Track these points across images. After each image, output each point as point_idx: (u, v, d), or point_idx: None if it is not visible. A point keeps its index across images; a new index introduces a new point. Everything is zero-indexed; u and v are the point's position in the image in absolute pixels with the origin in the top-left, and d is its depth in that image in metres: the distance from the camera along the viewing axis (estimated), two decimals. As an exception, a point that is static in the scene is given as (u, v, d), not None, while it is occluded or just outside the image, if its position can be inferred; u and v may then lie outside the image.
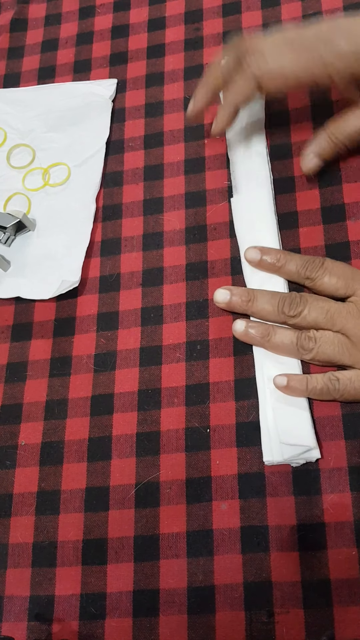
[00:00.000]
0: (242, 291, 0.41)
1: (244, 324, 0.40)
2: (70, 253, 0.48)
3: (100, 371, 0.44)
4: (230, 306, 0.41)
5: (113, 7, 0.59)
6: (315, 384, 0.38)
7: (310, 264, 0.40)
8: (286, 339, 0.39)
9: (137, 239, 0.48)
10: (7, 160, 0.54)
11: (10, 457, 0.43)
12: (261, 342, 0.40)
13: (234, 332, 0.41)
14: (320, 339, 0.38)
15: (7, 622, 0.39)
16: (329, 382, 0.37)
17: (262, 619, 0.36)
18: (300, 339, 0.39)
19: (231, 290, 0.41)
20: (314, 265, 0.40)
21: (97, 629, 0.37)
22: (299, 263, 0.41)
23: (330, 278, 0.39)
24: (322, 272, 0.39)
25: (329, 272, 0.39)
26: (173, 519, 0.39)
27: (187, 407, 0.41)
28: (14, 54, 0.60)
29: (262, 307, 0.40)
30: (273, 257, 0.41)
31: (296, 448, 0.37)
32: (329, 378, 0.38)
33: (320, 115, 0.48)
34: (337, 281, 0.39)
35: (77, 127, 0.54)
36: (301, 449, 0.37)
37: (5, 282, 0.48)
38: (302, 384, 0.38)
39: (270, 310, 0.40)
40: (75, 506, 0.40)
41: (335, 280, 0.39)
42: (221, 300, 0.42)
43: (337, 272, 0.39)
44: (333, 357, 0.38)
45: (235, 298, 0.41)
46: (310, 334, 0.39)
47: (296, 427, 0.38)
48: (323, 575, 0.36)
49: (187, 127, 0.51)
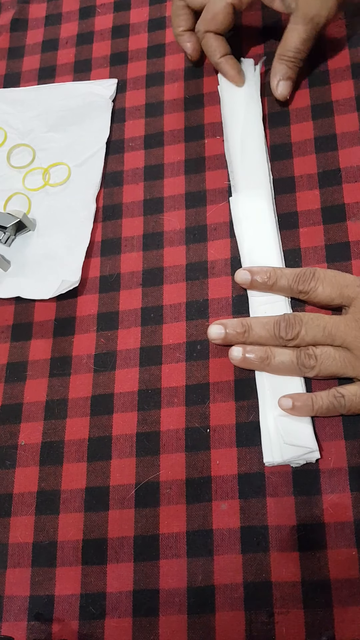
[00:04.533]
0: (236, 323, 0.40)
1: (241, 350, 0.40)
2: (70, 253, 0.48)
3: (100, 371, 0.44)
4: (227, 340, 0.40)
5: (113, 7, 0.59)
6: (322, 403, 0.37)
7: (301, 278, 0.40)
8: (286, 360, 0.39)
9: (137, 239, 0.48)
10: (7, 160, 0.54)
11: (10, 457, 0.43)
12: (261, 367, 0.39)
13: (232, 360, 0.40)
14: (320, 355, 0.38)
15: (7, 622, 0.39)
16: (334, 399, 0.37)
17: (262, 619, 0.36)
18: (300, 358, 0.38)
19: (225, 325, 0.40)
20: (305, 277, 0.39)
21: (97, 629, 0.37)
22: (290, 278, 0.40)
23: (324, 289, 0.39)
24: (314, 283, 0.39)
25: (322, 283, 0.39)
26: (173, 519, 0.39)
27: (187, 407, 0.41)
28: (14, 54, 0.60)
29: (259, 335, 0.39)
30: (263, 275, 0.41)
31: (297, 449, 0.37)
32: (334, 395, 0.37)
33: (321, 115, 0.48)
34: (331, 291, 0.39)
35: (77, 127, 0.54)
36: (302, 450, 0.37)
37: (5, 282, 0.48)
38: (307, 404, 0.37)
39: (267, 336, 0.39)
40: (75, 506, 0.40)
41: (329, 290, 0.39)
42: (216, 337, 0.41)
43: (330, 281, 0.39)
44: (336, 371, 0.38)
45: (230, 331, 0.40)
46: (310, 352, 0.38)
47: (297, 429, 0.38)
48: (323, 575, 0.36)
49: (187, 127, 0.51)
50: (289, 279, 0.40)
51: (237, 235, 0.45)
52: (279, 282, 0.40)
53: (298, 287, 0.40)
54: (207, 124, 0.51)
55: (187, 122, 0.52)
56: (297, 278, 0.40)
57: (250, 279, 0.41)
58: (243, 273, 0.42)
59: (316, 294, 0.39)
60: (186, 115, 0.52)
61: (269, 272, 0.41)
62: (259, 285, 0.41)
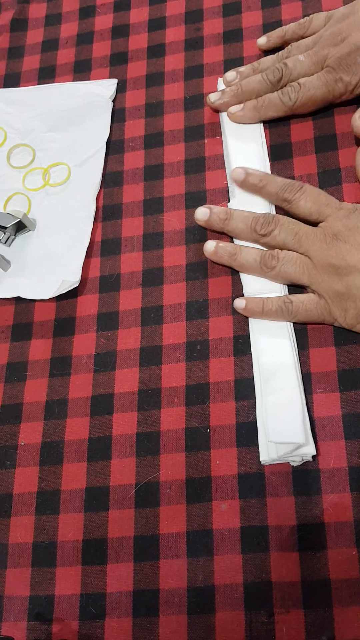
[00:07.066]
0: (221, 210, 0.44)
1: (214, 243, 0.43)
2: (70, 253, 0.48)
3: (100, 371, 0.44)
4: (209, 224, 0.44)
5: (113, 7, 0.59)
6: (271, 306, 0.41)
7: (289, 187, 0.42)
8: (251, 258, 0.42)
9: (137, 239, 0.48)
10: (7, 160, 0.54)
11: (10, 457, 0.43)
12: (229, 261, 0.43)
13: (205, 252, 0.44)
14: (283, 258, 0.41)
15: (7, 622, 0.39)
16: (282, 304, 0.40)
17: (262, 619, 0.36)
18: (264, 257, 0.41)
19: (211, 209, 0.44)
20: (293, 188, 0.42)
21: (97, 629, 0.37)
22: (279, 185, 0.43)
23: (306, 202, 0.41)
24: (299, 195, 0.41)
25: (305, 197, 0.41)
26: (173, 519, 0.39)
27: (187, 407, 0.41)
28: (14, 54, 0.60)
29: (236, 225, 0.43)
30: (256, 178, 0.44)
31: (289, 445, 0.37)
32: (284, 301, 0.40)
33: (321, 115, 0.48)
34: (311, 206, 0.41)
35: (77, 127, 0.54)
36: (292, 445, 0.37)
37: (5, 282, 0.48)
38: (258, 306, 0.41)
39: (243, 228, 0.43)
40: (75, 506, 0.40)
41: (310, 204, 0.41)
42: (201, 218, 0.45)
43: (313, 197, 0.41)
44: (293, 276, 0.41)
45: (213, 216, 0.44)
46: (274, 253, 0.41)
47: (287, 424, 0.38)
48: (323, 575, 0.36)
49: (187, 127, 0.51)
50: (277, 186, 0.43)
51: (235, 241, 0.45)
52: (268, 186, 0.43)
53: (284, 195, 0.42)
54: (207, 124, 0.51)
55: (187, 122, 0.52)
56: (285, 187, 0.42)
57: (243, 178, 0.44)
58: (240, 171, 0.44)
59: (297, 206, 0.42)
60: (186, 115, 0.52)
61: (262, 176, 0.44)
62: (250, 186, 0.44)
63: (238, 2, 0.55)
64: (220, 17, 0.55)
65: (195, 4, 0.56)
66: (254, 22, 0.54)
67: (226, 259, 0.43)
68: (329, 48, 0.45)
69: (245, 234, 0.43)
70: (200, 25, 0.55)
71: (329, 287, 0.39)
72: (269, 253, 0.41)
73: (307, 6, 0.53)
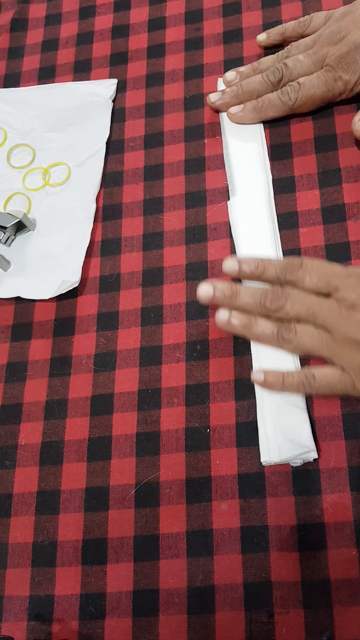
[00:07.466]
0: (225, 286, 0.41)
1: (227, 313, 0.40)
2: (70, 253, 0.48)
3: (100, 371, 0.44)
4: (214, 301, 0.41)
5: (113, 7, 0.59)
6: (292, 380, 0.38)
7: (289, 267, 0.40)
8: (267, 330, 0.40)
9: (137, 239, 0.48)
10: (7, 160, 0.54)
11: (10, 457, 0.43)
12: (243, 332, 0.40)
13: (217, 322, 0.41)
14: (300, 331, 0.39)
15: (7, 622, 0.39)
16: (304, 378, 0.38)
17: (262, 619, 0.36)
18: (280, 330, 0.39)
19: (214, 286, 0.41)
20: (293, 267, 0.39)
21: (97, 629, 0.37)
22: (277, 268, 0.40)
23: (311, 279, 0.39)
24: (302, 273, 0.39)
25: (309, 273, 0.39)
26: (173, 519, 0.39)
27: (187, 407, 0.41)
28: (14, 54, 0.60)
29: (245, 301, 0.40)
30: (251, 265, 0.41)
31: (294, 449, 0.37)
32: (305, 375, 0.38)
33: (321, 115, 0.48)
34: (317, 281, 0.39)
35: (77, 127, 0.54)
36: (299, 450, 0.37)
37: (5, 282, 0.48)
38: (278, 379, 0.38)
39: (252, 303, 0.40)
40: (75, 506, 0.40)
41: (316, 280, 0.39)
42: (204, 296, 0.41)
43: (317, 271, 0.39)
44: (312, 349, 0.38)
45: (218, 293, 0.41)
46: (291, 326, 0.39)
47: (294, 429, 0.38)
48: (323, 575, 0.36)
49: (187, 127, 0.51)
50: (276, 269, 0.40)
51: (235, 239, 0.45)
52: (267, 272, 0.41)
53: (286, 277, 0.40)
54: (207, 124, 0.51)
55: (187, 122, 0.52)
56: (285, 268, 0.40)
57: (238, 269, 0.41)
58: (231, 262, 0.41)
59: (303, 284, 0.39)
60: (186, 115, 0.52)
61: (257, 262, 0.41)
62: (247, 275, 0.41)
63: (238, 2, 0.55)
64: (220, 17, 0.55)
65: (195, 4, 0.56)
66: (254, 22, 0.54)
67: (240, 330, 0.40)
68: (328, 47, 0.45)
69: (255, 309, 0.40)
70: (200, 25, 0.55)
71: (351, 361, 0.37)
72: (285, 325, 0.39)
73: (307, 6, 0.53)
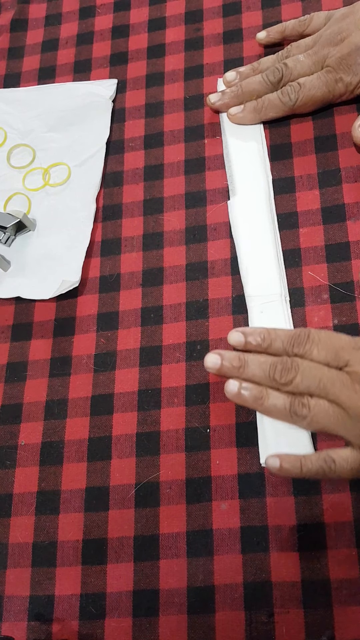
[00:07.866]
0: (233, 357, 0.39)
1: (237, 384, 0.38)
2: (70, 253, 0.48)
3: (100, 371, 0.44)
4: (222, 372, 0.39)
5: (113, 7, 0.59)
6: (310, 466, 0.36)
7: (296, 340, 0.38)
8: (279, 404, 0.38)
9: (137, 239, 0.48)
10: (7, 160, 0.54)
11: (10, 457, 0.43)
12: (254, 405, 0.38)
13: (227, 393, 0.39)
14: (314, 407, 0.36)
15: (7, 622, 0.39)
16: (324, 464, 0.36)
17: (262, 619, 0.36)
18: (293, 405, 0.37)
19: (222, 356, 0.39)
20: (300, 340, 0.38)
21: (97, 629, 0.37)
22: (284, 340, 0.38)
23: (319, 352, 0.37)
24: (309, 346, 0.37)
25: (317, 346, 0.37)
26: (173, 519, 0.39)
27: (187, 407, 0.41)
28: (14, 54, 0.60)
29: (254, 373, 0.38)
30: (257, 337, 0.39)
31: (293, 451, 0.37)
32: (324, 460, 0.36)
33: (321, 115, 0.48)
34: (326, 354, 0.37)
35: (77, 127, 0.54)
36: (299, 451, 0.37)
37: (5, 282, 0.48)
38: (295, 466, 0.36)
39: (261, 375, 0.38)
40: (75, 506, 0.40)
41: (325, 353, 0.37)
42: (212, 366, 0.39)
43: (325, 343, 0.37)
44: (328, 427, 0.36)
45: (226, 363, 0.39)
46: (305, 401, 0.37)
47: (293, 430, 0.38)
48: (323, 575, 0.36)
49: (187, 127, 0.51)
50: (283, 341, 0.39)
51: (235, 239, 0.45)
52: (274, 345, 0.39)
53: (293, 350, 0.38)
54: (207, 124, 0.51)
55: (187, 122, 0.52)
56: (292, 340, 0.38)
57: (244, 341, 0.40)
58: (237, 335, 0.40)
59: (312, 357, 0.37)
60: (186, 115, 0.52)
61: (262, 334, 0.39)
62: (253, 347, 0.39)
63: (238, 2, 0.55)
64: (220, 17, 0.55)
65: (195, 4, 0.57)
66: (254, 22, 0.54)
67: (251, 402, 0.38)
68: (328, 48, 0.45)
69: (264, 381, 0.38)
70: (200, 26, 0.55)
71: None
72: (298, 400, 0.37)
73: (307, 6, 0.53)
